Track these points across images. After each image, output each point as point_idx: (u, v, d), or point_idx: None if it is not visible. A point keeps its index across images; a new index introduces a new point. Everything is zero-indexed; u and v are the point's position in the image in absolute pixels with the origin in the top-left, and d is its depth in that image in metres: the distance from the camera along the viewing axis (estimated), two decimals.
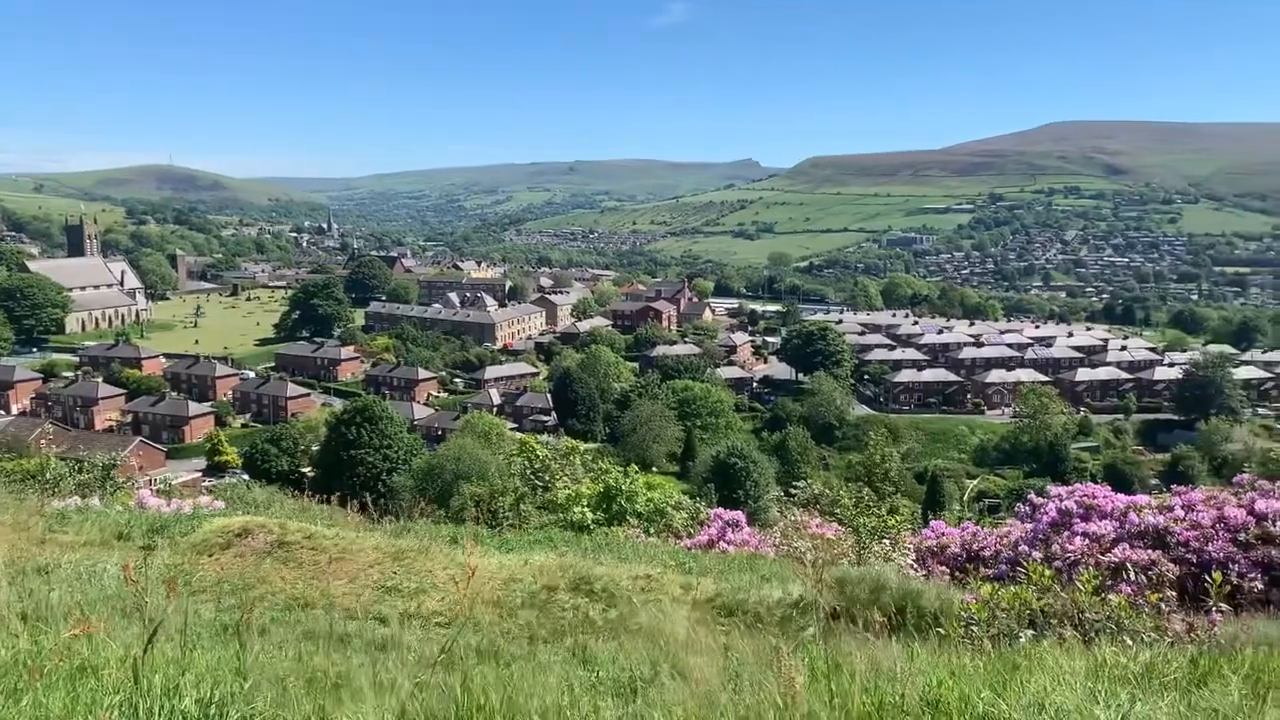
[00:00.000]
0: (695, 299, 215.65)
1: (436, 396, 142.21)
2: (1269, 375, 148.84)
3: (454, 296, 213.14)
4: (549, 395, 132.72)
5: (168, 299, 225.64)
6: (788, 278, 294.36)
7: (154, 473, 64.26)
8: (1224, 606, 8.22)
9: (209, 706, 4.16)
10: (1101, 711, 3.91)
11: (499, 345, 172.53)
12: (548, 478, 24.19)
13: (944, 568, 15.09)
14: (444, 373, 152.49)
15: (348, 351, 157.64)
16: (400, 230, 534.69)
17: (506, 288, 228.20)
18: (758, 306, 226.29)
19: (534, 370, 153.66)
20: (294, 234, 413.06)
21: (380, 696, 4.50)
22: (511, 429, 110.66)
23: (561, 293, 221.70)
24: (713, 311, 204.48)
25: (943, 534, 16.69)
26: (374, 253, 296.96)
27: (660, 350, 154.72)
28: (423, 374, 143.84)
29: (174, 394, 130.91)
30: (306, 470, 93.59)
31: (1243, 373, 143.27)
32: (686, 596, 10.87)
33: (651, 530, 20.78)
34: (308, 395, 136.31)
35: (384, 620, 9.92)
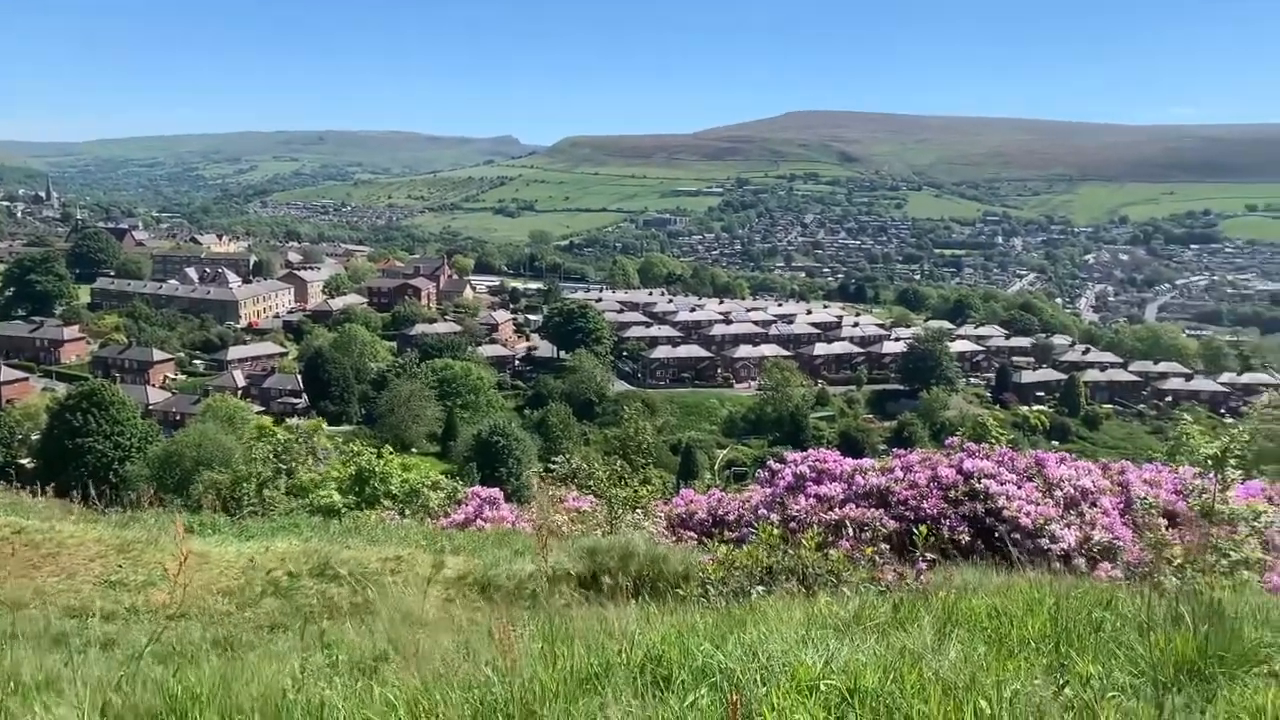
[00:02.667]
0: (455, 276, 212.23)
1: (174, 379, 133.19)
2: (980, 348, 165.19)
3: (192, 272, 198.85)
4: (299, 376, 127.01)
5: None
6: (549, 256, 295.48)
7: None
8: (930, 556, 9.11)
9: None
10: (809, 655, 4.27)
11: (243, 324, 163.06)
12: (291, 461, 23.16)
13: (692, 533, 15.79)
14: (182, 354, 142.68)
15: (71, 331, 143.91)
16: (131, 200, 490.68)
17: (251, 263, 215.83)
18: (519, 284, 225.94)
19: (282, 350, 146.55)
20: (6, 203, 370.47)
21: (84, 693, 4.21)
22: (259, 412, 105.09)
23: (312, 269, 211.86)
24: (473, 289, 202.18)
25: (691, 501, 17.44)
26: (101, 224, 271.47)
27: (419, 329, 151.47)
28: (158, 355, 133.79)
29: None
30: (25, 462, 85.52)
31: (958, 346, 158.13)
32: (438, 575, 10.82)
33: (407, 512, 20.45)
34: (26, 379, 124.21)
35: (108, 616, 9.23)
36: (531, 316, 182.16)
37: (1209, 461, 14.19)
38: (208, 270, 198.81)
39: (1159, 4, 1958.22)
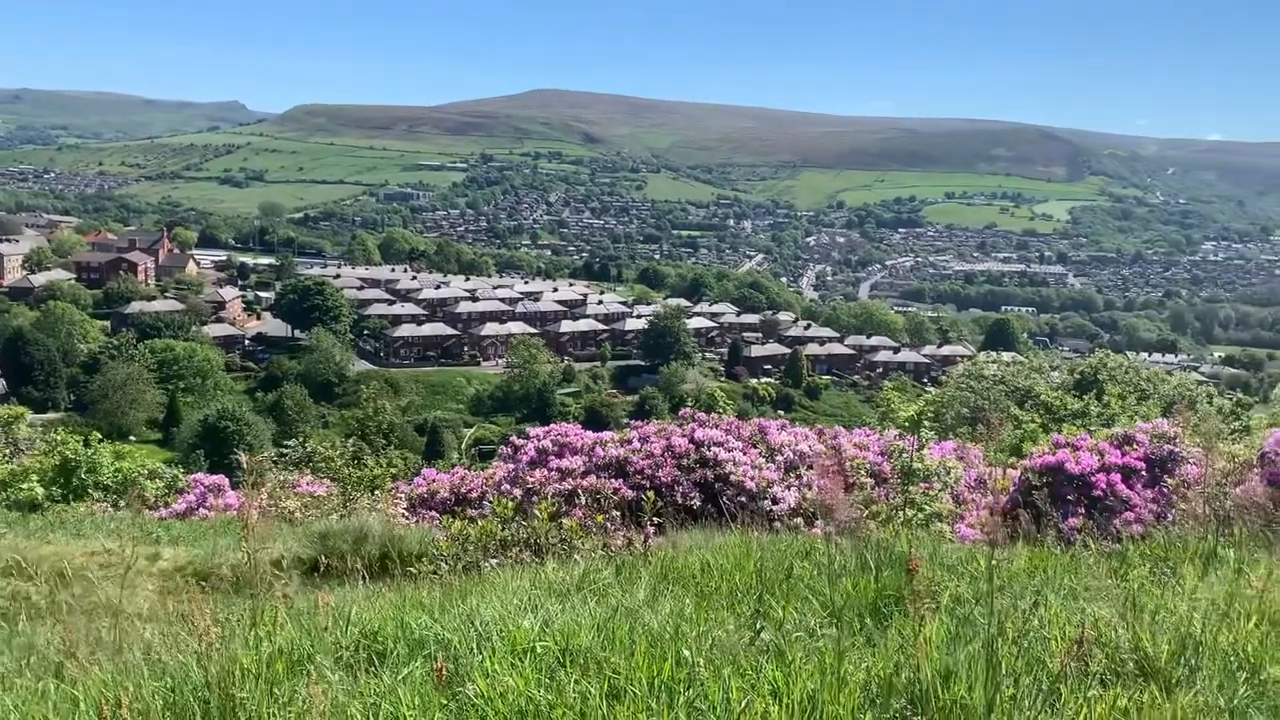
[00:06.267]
0: (177, 250, 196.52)
1: None
2: (714, 325, 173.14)
3: None
4: None
5: None
6: (282, 229, 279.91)
7: None
8: (659, 521, 9.54)
9: None
10: (528, 620, 4.41)
11: None
12: None
13: (434, 512, 15.68)
14: None
15: None
16: None
17: None
18: (249, 259, 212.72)
19: None
20: None
21: None
22: None
23: (9, 241, 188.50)
24: (198, 264, 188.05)
25: (433, 481, 17.31)
26: None
27: (137, 307, 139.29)
28: None
29: None
30: None
31: (695, 323, 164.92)
32: (153, 568, 10.19)
33: (122, 503, 19.05)
34: None
35: None
36: (263, 294, 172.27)
37: (908, 424, 15.74)
38: None
39: (861, 4, 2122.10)
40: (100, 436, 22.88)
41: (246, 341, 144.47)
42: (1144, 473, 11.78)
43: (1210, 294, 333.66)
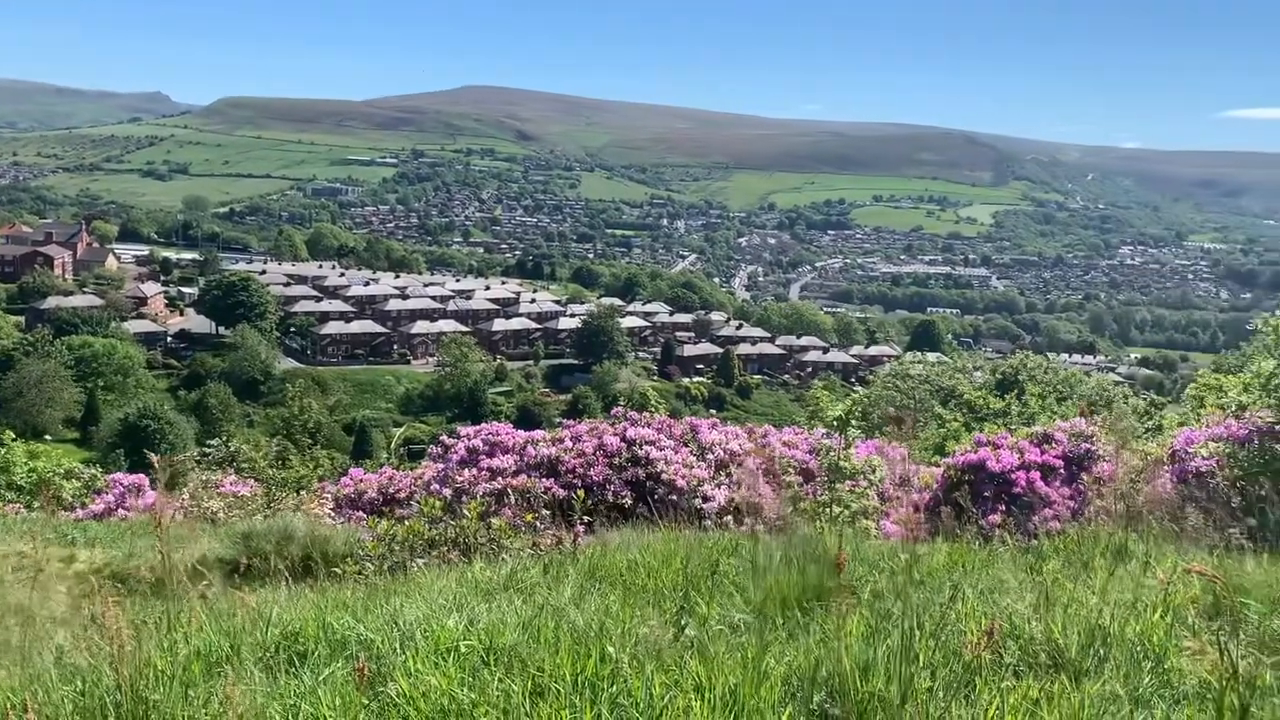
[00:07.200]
0: (96, 244, 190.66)
1: None
2: (647, 324, 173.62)
3: None
4: None
5: None
6: (206, 224, 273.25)
7: None
8: (588, 519, 9.56)
9: None
10: (453, 619, 4.40)
11: None
12: None
13: (362, 513, 15.48)
14: None
15: None
16: None
17: None
18: (172, 254, 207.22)
19: None
20: None
21: None
22: None
23: None
24: (118, 259, 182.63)
25: (361, 480, 17.10)
26: None
27: (53, 302, 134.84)
28: None
29: None
30: None
31: (628, 322, 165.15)
32: (68, 570, 9.93)
33: (36, 504, 18.55)
34: None
35: None
36: (186, 289, 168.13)
37: (835, 423, 16.00)
38: None
39: (790, 9, 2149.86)
40: (14, 436, 22.19)
41: (169, 338, 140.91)
42: (1062, 470, 12.15)
43: (1127, 297, 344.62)
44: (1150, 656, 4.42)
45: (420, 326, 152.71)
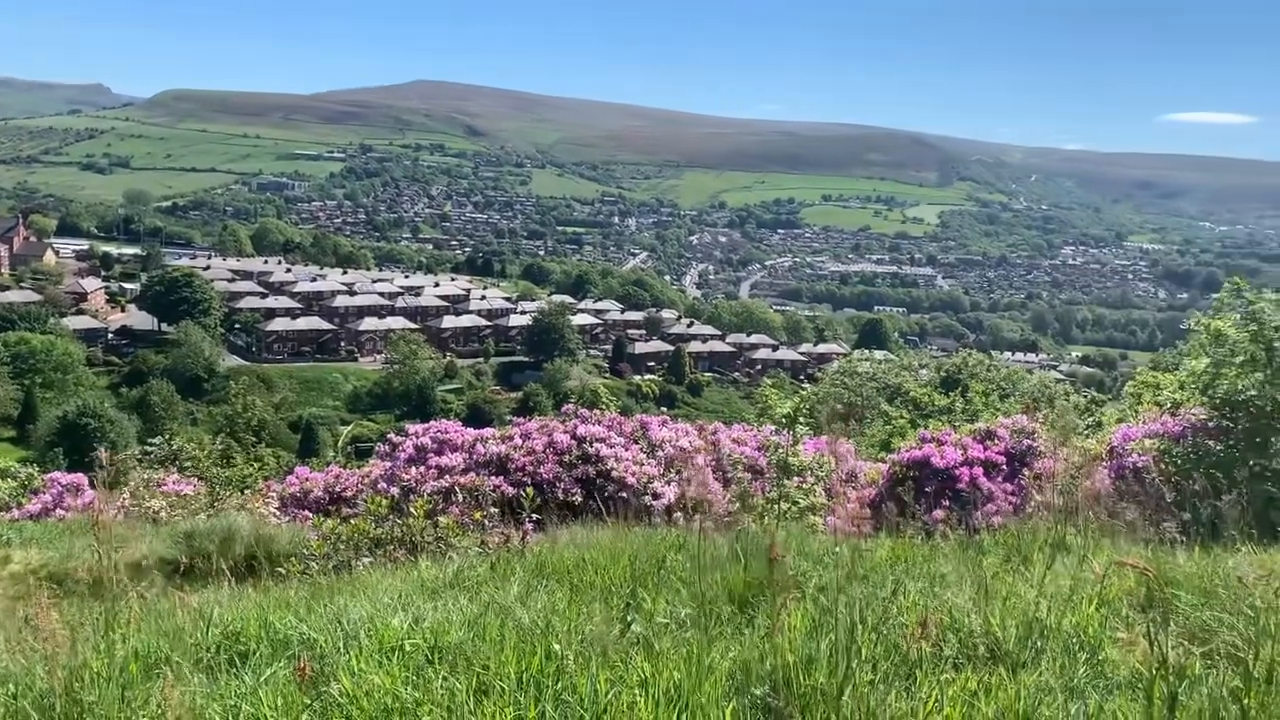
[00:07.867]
0: (34, 238, 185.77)
1: None
2: (599, 321, 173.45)
3: None
4: None
5: None
6: (148, 218, 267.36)
7: None
8: (537, 517, 9.54)
9: None
10: (398, 618, 4.38)
11: None
12: None
13: (308, 512, 15.28)
14: None
15: None
16: None
17: None
18: (113, 249, 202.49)
19: None
20: None
21: None
22: None
23: None
24: (57, 253, 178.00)
25: (306, 479, 16.88)
26: None
27: None
28: None
29: None
30: None
31: (579, 319, 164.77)
32: (3, 571, 9.72)
33: None
34: None
35: None
36: (128, 285, 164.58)
37: (784, 420, 16.14)
38: None
39: (749, 9, 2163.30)
40: None
41: (110, 335, 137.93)
42: (1004, 466, 12.38)
43: (1069, 296, 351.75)
44: (1085, 648, 4.53)
45: (368, 323, 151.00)
